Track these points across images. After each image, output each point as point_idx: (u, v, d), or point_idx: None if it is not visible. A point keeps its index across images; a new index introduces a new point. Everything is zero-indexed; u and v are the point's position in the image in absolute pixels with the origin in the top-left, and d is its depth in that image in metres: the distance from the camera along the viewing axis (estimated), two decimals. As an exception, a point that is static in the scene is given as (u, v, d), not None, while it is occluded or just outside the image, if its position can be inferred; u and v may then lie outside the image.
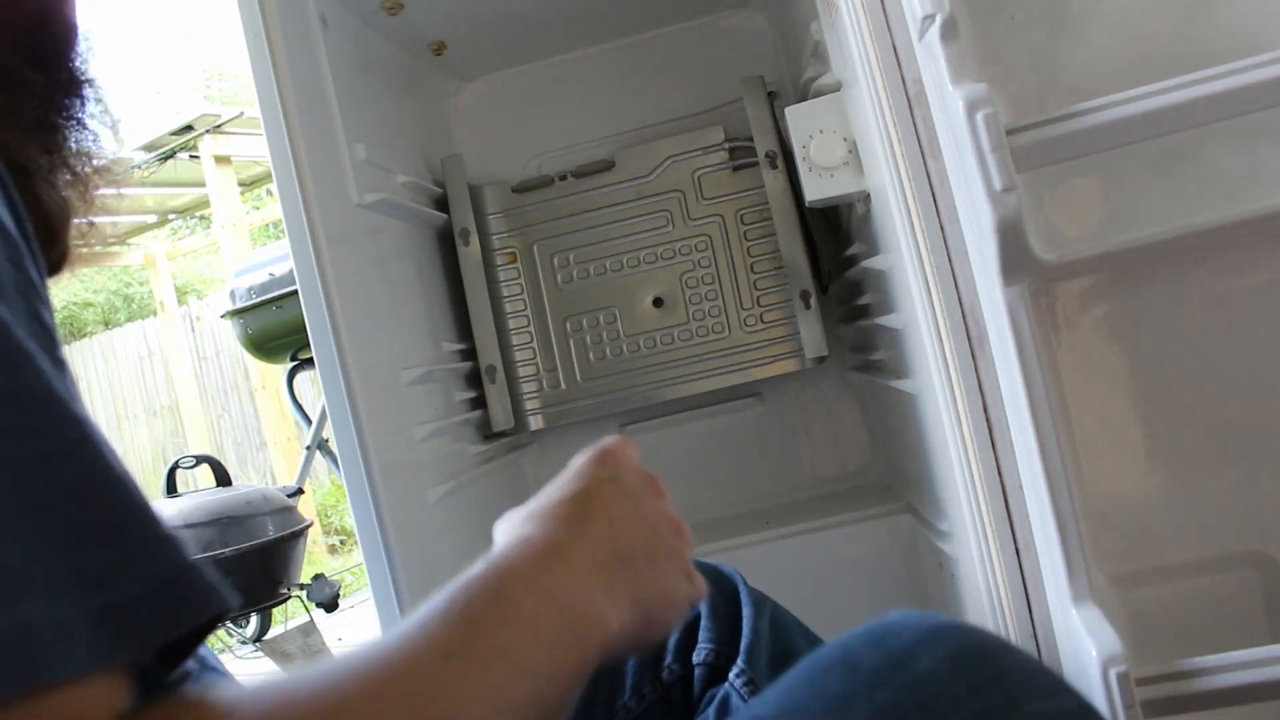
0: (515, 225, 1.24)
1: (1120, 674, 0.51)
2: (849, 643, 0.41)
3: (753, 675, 0.63)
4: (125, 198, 4.00)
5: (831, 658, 0.41)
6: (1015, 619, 0.63)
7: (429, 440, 0.99)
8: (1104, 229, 0.69)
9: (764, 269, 1.18)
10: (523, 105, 1.34)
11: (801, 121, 0.88)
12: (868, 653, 0.40)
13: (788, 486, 1.29)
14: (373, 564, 0.85)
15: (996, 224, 0.55)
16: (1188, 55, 0.63)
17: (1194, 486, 0.70)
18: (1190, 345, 0.69)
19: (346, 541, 4.53)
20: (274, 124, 0.84)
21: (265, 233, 7.25)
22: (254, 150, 3.99)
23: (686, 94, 1.29)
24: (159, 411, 6.08)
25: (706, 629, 0.66)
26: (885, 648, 0.40)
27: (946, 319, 0.64)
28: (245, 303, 2.16)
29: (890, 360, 0.97)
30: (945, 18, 0.56)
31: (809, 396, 1.30)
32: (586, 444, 0.50)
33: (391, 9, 1.07)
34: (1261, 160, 0.66)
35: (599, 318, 1.22)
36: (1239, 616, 0.69)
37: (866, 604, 1.11)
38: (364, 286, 0.91)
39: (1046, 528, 0.57)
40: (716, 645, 0.65)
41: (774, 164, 1.13)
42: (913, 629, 0.40)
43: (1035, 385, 0.57)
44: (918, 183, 0.65)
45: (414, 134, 1.20)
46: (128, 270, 7.88)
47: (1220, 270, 0.68)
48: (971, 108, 0.54)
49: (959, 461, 0.66)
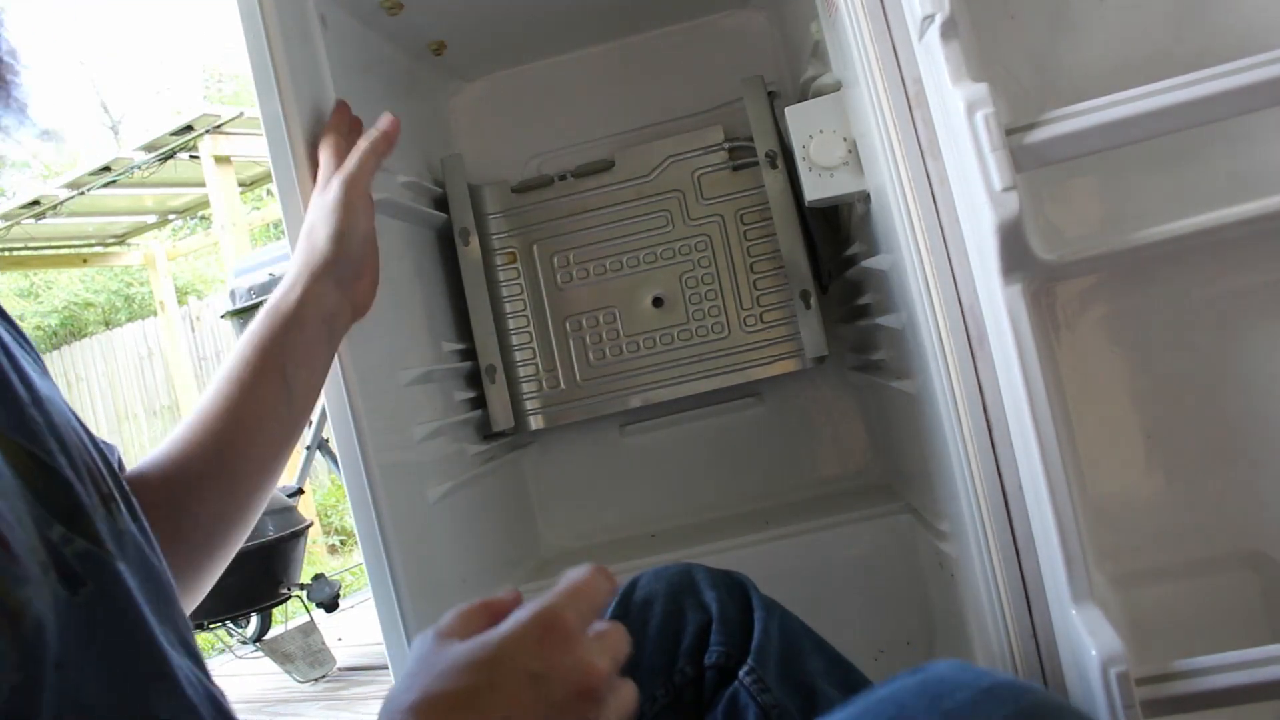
0: (515, 225, 1.24)
1: (1120, 674, 0.51)
2: (900, 699, 0.41)
3: (761, 674, 0.63)
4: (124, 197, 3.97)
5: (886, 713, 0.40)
6: (1015, 619, 0.63)
7: (429, 440, 0.99)
8: (1104, 229, 0.69)
9: (764, 269, 1.18)
10: (523, 105, 1.34)
11: (801, 121, 0.88)
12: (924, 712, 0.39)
13: (788, 486, 1.29)
14: (373, 564, 0.85)
15: (996, 224, 0.55)
16: (1188, 55, 0.63)
17: (1194, 486, 0.70)
18: (1190, 345, 0.69)
19: (346, 541, 4.53)
20: (274, 124, 0.84)
21: (265, 233, 7.25)
22: (254, 150, 3.99)
23: (686, 94, 1.29)
24: (159, 411, 6.08)
25: (718, 633, 0.66)
26: (941, 708, 0.39)
27: (946, 319, 0.64)
28: (245, 303, 2.16)
29: (890, 360, 0.97)
30: (945, 17, 0.56)
31: (809, 396, 1.30)
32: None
33: (391, 9, 1.07)
34: (1261, 160, 0.66)
35: (599, 318, 1.22)
36: (1239, 616, 0.69)
37: (866, 604, 1.11)
38: (364, 286, 0.91)
39: (1046, 528, 0.57)
40: (727, 648, 0.66)
41: (774, 164, 1.13)
42: (967, 687, 0.40)
43: (1035, 385, 0.57)
44: (917, 183, 0.65)
45: (414, 134, 1.20)
46: (128, 270, 7.88)
47: (1220, 270, 0.68)
48: (971, 108, 0.54)
49: (959, 462, 0.66)
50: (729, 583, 0.71)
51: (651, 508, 1.31)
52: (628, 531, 1.31)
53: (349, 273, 0.74)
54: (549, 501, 1.33)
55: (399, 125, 0.80)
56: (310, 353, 0.69)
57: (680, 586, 0.70)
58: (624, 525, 1.31)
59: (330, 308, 0.72)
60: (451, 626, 0.43)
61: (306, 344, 0.69)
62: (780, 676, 0.63)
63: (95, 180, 4.02)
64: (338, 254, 0.72)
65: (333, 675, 2.28)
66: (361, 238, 0.75)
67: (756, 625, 0.66)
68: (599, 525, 1.32)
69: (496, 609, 0.45)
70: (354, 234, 0.74)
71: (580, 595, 0.44)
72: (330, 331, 0.72)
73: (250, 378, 0.65)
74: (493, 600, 0.46)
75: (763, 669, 0.63)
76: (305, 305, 0.69)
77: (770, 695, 0.62)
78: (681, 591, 0.69)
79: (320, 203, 0.76)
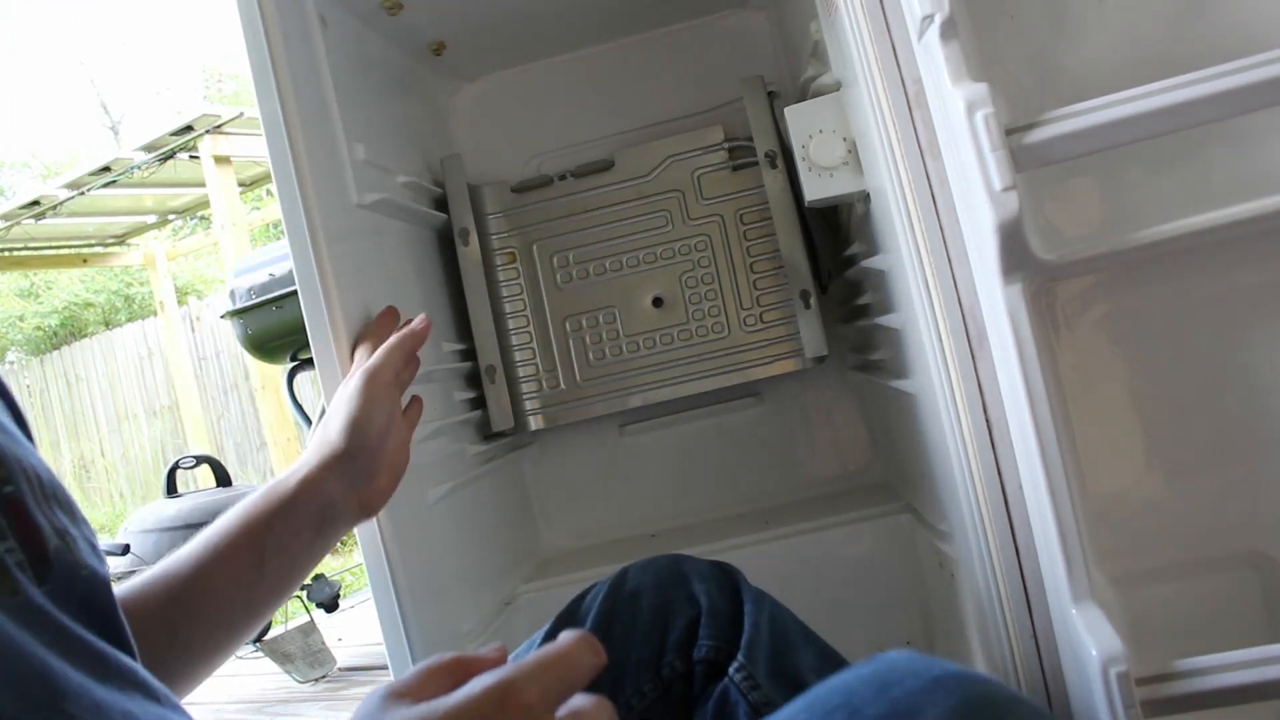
0: (515, 225, 1.24)
1: (1120, 674, 0.51)
2: (851, 687, 0.40)
3: (751, 671, 0.63)
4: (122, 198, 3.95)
5: (832, 702, 0.40)
6: (1015, 619, 0.63)
7: (429, 440, 0.99)
8: (1104, 229, 0.69)
9: (764, 269, 1.18)
10: (523, 105, 1.34)
11: (801, 121, 0.88)
12: (870, 700, 0.39)
13: (788, 486, 1.29)
14: (373, 564, 0.85)
15: (996, 224, 0.55)
16: (1188, 55, 0.63)
17: (1194, 486, 0.70)
18: (1190, 345, 0.69)
19: (346, 541, 4.53)
20: (273, 124, 0.84)
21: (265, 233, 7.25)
22: (254, 150, 3.99)
23: (686, 94, 1.29)
24: (159, 411, 6.08)
25: (707, 626, 0.66)
26: (888, 696, 0.39)
27: (946, 319, 0.64)
28: (245, 303, 2.16)
29: (890, 360, 0.97)
30: (945, 18, 0.56)
31: (809, 396, 1.30)
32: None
33: (391, 9, 1.07)
34: (1261, 160, 0.66)
35: (599, 318, 1.22)
36: (1238, 616, 0.69)
37: (866, 604, 1.11)
38: (364, 287, 0.91)
39: (1046, 528, 0.57)
40: (716, 642, 0.65)
41: (774, 164, 1.13)
42: (916, 676, 0.39)
43: (1035, 385, 0.57)
44: (917, 183, 0.65)
45: (414, 134, 1.20)
46: (128, 270, 7.88)
47: (1220, 270, 0.68)
48: (971, 108, 0.54)
49: (959, 461, 0.66)
50: (718, 574, 0.70)
51: (651, 508, 1.31)
52: (627, 531, 1.31)
53: (361, 468, 0.70)
54: (549, 501, 1.33)
55: (429, 325, 0.78)
56: (295, 540, 0.65)
57: (669, 579, 0.69)
58: (624, 525, 1.31)
59: (329, 499, 0.68)
60: (407, 685, 0.40)
61: (293, 530, 0.65)
62: (770, 672, 0.63)
63: (95, 180, 4.02)
64: (349, 444, 0.69)
65: (333, 675, 2.28)
66: (379, 432, 0.71)
67: (746, 619, 0.66)
68: (599, 525, 1.32)
69: (468, 668, 0.40)
70: (369, 427, 0.70)
71: (552, 668, 0.38)
72: (324, 522, 0.68)
73: (225, 548, 0.62)
74: (468, 657, 0.42)
75: (752, 665, 0.63)
76: (301, 491, 0.66)
77: (760, 692, 0.61)
78: (670, 584, 0.69)
79: (340, 393, 0.74)
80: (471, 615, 1.01)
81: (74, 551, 0.41)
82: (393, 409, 0.73)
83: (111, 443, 6.31)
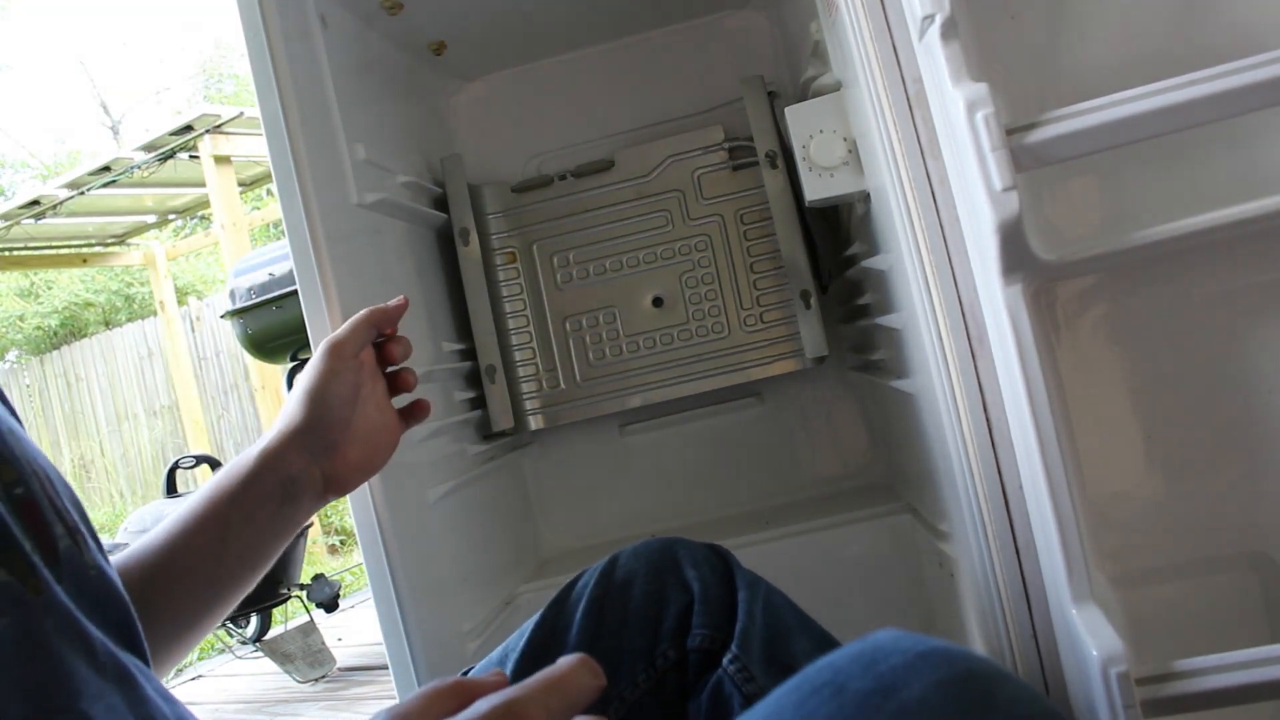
0: (515, 225, 1.24)
1: (1120, 674, 0.51)
2: (838, 664, 0.40)
3: (746, 662, 0.62)
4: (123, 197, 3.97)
5: (819, 679, 0.40)
6: (1015, 619, 0.63)
7: (429, 440, 0.99)
8: (1104, 229, 0.69)
9: (764, 269, 1.18)
10: (523, 105, 1.34)
11: (801, 121, 0.88)
12: (856, 676, 0.39)
13: (788, 486, 1.29)
14: (373, 564, 0.85)
15: (996, 224, 0.55)
16: (1188, 55, 0.63)
17: (1194, 486, 0.70)
18: (1190, 345, 0.69)
19: (346, 541, 4.53)
20: (274, 124, 0.84)
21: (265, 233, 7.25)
22: (254, 150, 3.99)
23: (686, 94, 1.29)
24: (159, 411, 6.08)
25: (700, 614, 0.65)
26: (874, 672, 0.39)
27: (946, 319, 0.64)
28: (245, 303, 2.16)
29: (890, 360, 0.97)
30: (945, 18, 0.56)
31: (809, 396, 1.30)
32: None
33: (391, 9, 1.07)
34: (1261, 160, 0.66)
35: (598, 318, 1.22)
36: (1238, 616, 0.69)
37: (866, 604, 1.11)
38: (364, 286, 0.91)
39: (1046, 528, 0.57)
40: (710, 630, 0.65)
41: (774, 164, 1.13)
42: (902, 652, 0.39)
43: (1035, 385, 0.57)
44: (917, 183, 0.65)
45: (414, 134, 1.20)
46: (128, 270, 7.88)
47: (1220, 270, 0.68)
48: (971, 108, 0.54)
49: (959, 461, 0.66)
50: (712, 558, 0.69)
51: (651, 507, 1.31)
52: (628, 531, 1.31)
53: (321, 440, 0.68)
54: (549, 501, 1.33)
55: (406, 303, 0.76)
56: (258, 511, 0.64)
57: (661, 565, 0.68)
58: (624, 525, 1.31)
59: (288, 472, 0.66)
60: (410, 709, 0.40)
61: (255, 503, 0.64)
62: (765, 661, 0.62)
63: (95, 180, 4.03)
64: (307, 416, 0.67)
65: (332, 675, 2.29)
66: (340, 402, 0.69)
67: (740, 606, 0.65)
68: (599, 525, 1.32)
69: (470, 691, 0.40)
70: (328, 397, 0.68)
71: (555, 688, 0.38)
72: (285, 496, 0.66)
73: (191, 523, 0.62)
74: (469, 681, 0.41)
75: (747, 655, 0.62)
76: (261, 464, 0.65)
77: (755, 684, 0.61)
78: (663, 570, 0.68)
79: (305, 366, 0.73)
80: (471, 615, 1.01)
81: (83, 551, 0.41)
82: (357, 380, 0.71)
83: (111, 443, 6.31)
